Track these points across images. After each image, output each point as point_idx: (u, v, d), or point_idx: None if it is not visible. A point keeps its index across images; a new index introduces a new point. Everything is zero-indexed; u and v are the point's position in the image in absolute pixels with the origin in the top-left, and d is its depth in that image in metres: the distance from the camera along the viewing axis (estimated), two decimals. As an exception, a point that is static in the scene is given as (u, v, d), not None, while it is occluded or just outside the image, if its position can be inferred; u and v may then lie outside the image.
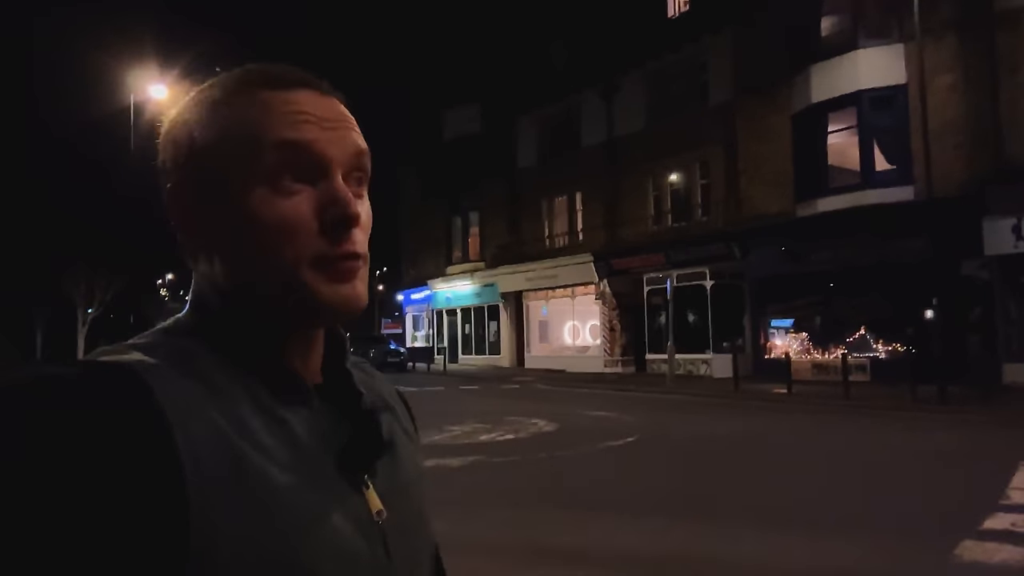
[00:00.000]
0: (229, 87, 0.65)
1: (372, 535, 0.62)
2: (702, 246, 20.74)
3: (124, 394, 0.51)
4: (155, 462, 0.50)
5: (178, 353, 0.58)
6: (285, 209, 0.61)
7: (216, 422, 0.55)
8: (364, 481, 0.64)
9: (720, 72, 21.24)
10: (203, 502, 0.51)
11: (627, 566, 4.61)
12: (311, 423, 0.62)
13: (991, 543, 4.77)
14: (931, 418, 11.36)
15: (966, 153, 15.38)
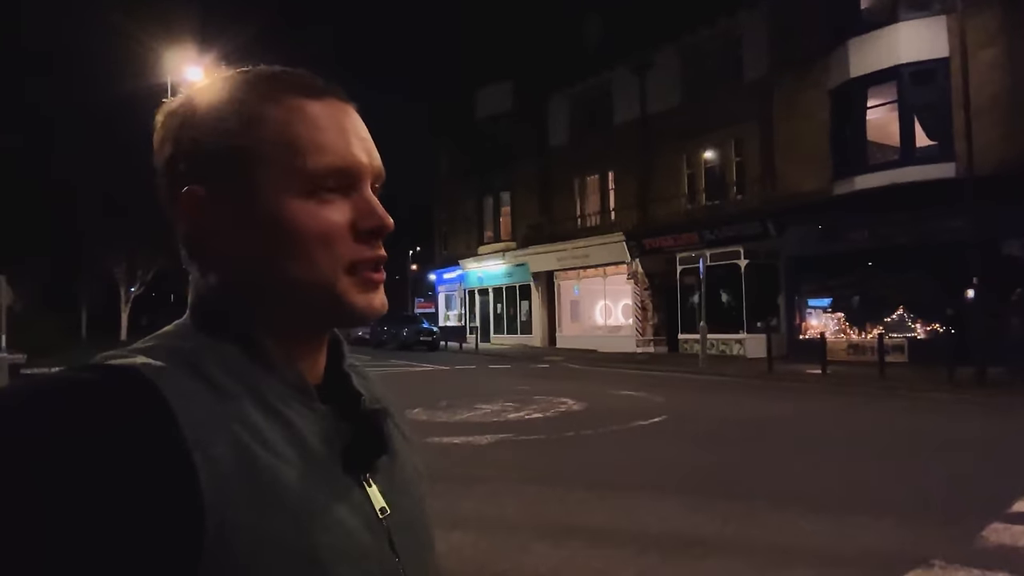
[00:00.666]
0: (260, 90, 0.64)
1: (378, 532, 0.64)
2: (736, 225, 20.48)
3: (135, 396, 0.53)
4: (168, 462, 0.51)
5: (183, 356, 0.59)
6: (323, 217, 0.63)
7: (224, 421, 0.56)
8: (367, 480, 0.66)
9: (755, 47, 20.80)
10: (217, 499, 0.52)
11: (651, 545, 4.66)
12: (315, 424, 0.63)
13: (1018, 526, 4.72)
14: (968, 401, 11.17)
15: (1009, 130, 14.91)
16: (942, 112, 15.75)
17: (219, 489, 0.52)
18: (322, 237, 0.62)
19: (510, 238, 30.37)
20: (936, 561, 4.13)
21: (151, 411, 0.52)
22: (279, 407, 0.61)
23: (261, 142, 0.63)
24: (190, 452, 0.52)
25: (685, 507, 5.46)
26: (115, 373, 0.54)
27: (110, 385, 0.53)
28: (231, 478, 0.53)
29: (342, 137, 0.64)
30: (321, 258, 0.62)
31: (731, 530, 4.91)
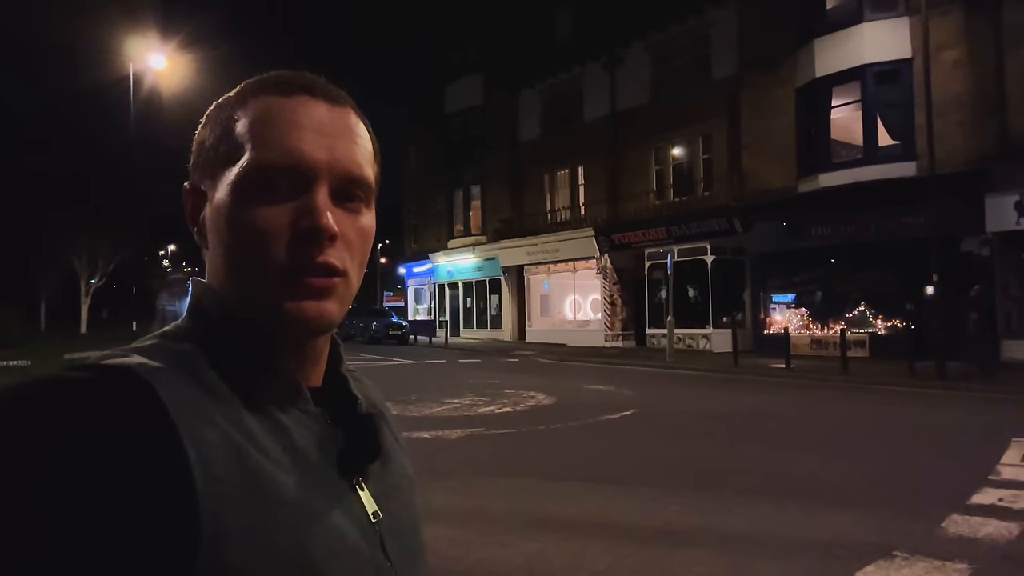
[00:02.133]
0: (244, 90, 0.66)
1: (370, 536, 0.64)
2: (704, 221, 20.72)
3: (131, 397, 0.52)
4: (164, 463, 0.51)
5: (178, 357, 0.58)
6: (261, 216, 0.61)
7: (219, 424, 0.55)
8: (360, 484, 0.66)
9: (724, 45, 21.02)
10: (212, 501, 0.51)
11: (623, 536, 4.71)
12: (309, 427, 0.63)
13: (977, 517, 4.87)
14: (928, 394, 11.46)
15: (970, 129, 15.29)
16: (905, 112, 16.09)
17: (214, 492, 0.52)
18: (255, 236, 0.61)
19: (480, 232, 30.32)
20: (898, 552, 4.24)
21: (147, 412, 0.52)
22: (274, 411, 0.61)
23: (223, 141, 0.63)
24: (186, 454, 0.51)
25: (656, 499, 5.53)
26: (111, 373, 0.54)
27: (106, 385, 0.52)
28: (226, 481, 0.53)
29: (299, 134, 0.62)
30: (255, 259, 0.61)
31: (701, 521, 4.98)
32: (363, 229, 0.66)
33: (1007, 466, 6.30)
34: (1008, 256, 14.85)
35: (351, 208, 0.65)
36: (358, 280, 0.66)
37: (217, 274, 0.65)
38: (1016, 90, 14.73)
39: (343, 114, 0.66)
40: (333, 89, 0.67)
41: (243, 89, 0.66)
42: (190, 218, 0.67)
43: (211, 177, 0.64)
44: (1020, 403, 10.07)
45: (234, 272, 0.63)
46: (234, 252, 0.62)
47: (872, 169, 16.37)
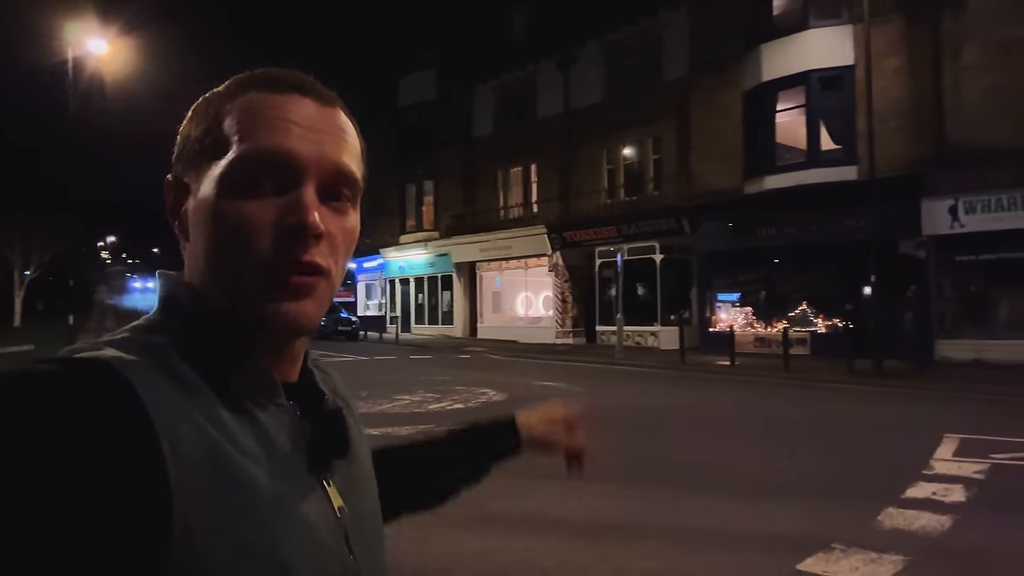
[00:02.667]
0: (230, 86, 0.65)
1: (336, 531, 0.64)
2: (653, 220, 21.01)
3: (106, 389, 0.52)
4: (138, 456, 0.50)
5: (152, 350, 0.58)
6: (246, 211, 0.60)
7: (194, 418, 0.55)
8: (327, 478, 0.66)
9: (675, 47, 21.33)
10: (184, 494, 0.51)
11: (573, 532, 4.75)
12: (281, 421, 0.63)
13: (912, 511, 5.06)
14: (866, 391, 11.85)
15: (908, 135, 15.86)
16: (847, 117, 16.60)
17: (187, 486, 0.52)
18: (237, 231, 0.60)
19: (433, 228, 30.15)
20: (837, 544, 4.38)
21: (122, 405, 0.51)
22: (247, 404, 0.61)
23: (208, 134, 0.63)
24: (160, 449, 0.51)
25: (605, 494, 5.58)
26: (84, 366, 0.53)
27: (80, 378, 0.52)
28: (199, 474, 0.53)
29: (282, 129, 0.61)
30: (235, 254, 0.60)
31: (649, 515, 5.06)
32: (349, 228, 0.66)
33: (940, 461, 6.56)
34: (943, 258, 15.46)
35: (337, 207, 0.65)
36: (339, 280, 0.66)
37: (198, 269, 0.64)
38: (952, 98, 15.34)
39: (333, 113, 0.66)
40: (323, 88, 0.66)
41: (231, 84, 0.66)
42: (171, 211, 0.66)
43: (195, 170, 0.63)
44: (952, 400, 10.51)
45: (215, 267, 0.62)
46: (217, 247, 0.61)
47: (815, 172, 16.85)
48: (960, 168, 14.85)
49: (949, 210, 15.09)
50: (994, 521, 4.86)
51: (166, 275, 0.66)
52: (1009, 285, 14.85)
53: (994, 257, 14.84)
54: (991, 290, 15.19)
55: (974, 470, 6.17)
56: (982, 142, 14.66)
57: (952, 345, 15.29)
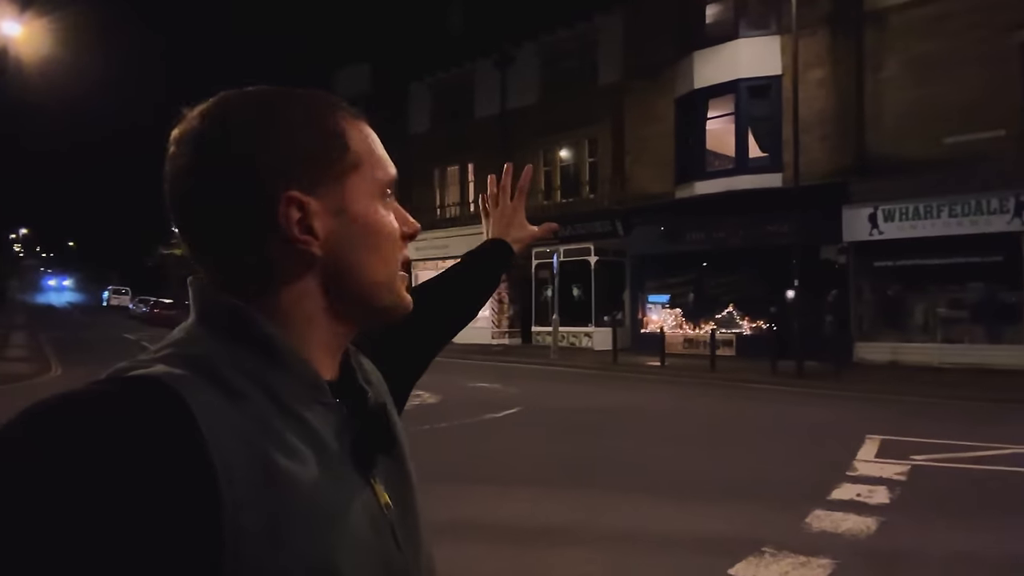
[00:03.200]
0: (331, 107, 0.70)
1: (383, 528, 0.66)
2: (588, 223, 21.17)
3: (160, 407, 0.53)
4: (192, 473, 0.52)
5: (198, 362, 0.59)
6: (391, 221, 0.72)
7: (243, 427, 0.57)
8: (373, 475, 0.68)
9: (609, 52, 21.56)
10: (236, 507, 0.53)
11: (502, 539, 4.66)
12: (328, 420, 0.65)
13: (838, 513, 5.17)
14: (789, 392, 12.21)
15: (832, 144, 16.45)
16: (774, 125, 17.09)
17: (239, 498, 0.53)
18: (392, 238, 0.72)
19: (365, 226, 29.65)
20: (767, 548, 4.42)
21: (176, 423, 0.53)
22: (295, 406, 0.62)
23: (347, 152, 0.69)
24: (212, 463, 0.53)
25: (537, 498, 5.53)
26: (139, 384, 0.55)
27: (133, 397, 0.54)
28: (250, 486, 0.54)
29: (385, 154, 0.74)
30: (392, 258, 0.71)
31: (581, 519, 5.01)
32: None
33: (862, 462, 6.76)
34: (862, 264, 16.10)
35: None
36: None
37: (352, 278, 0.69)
38: (873, 110, 15.98)
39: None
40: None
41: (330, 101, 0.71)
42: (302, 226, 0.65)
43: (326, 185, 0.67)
44: (871, 401, 10.92)
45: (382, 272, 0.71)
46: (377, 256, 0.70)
47: (743, 179, 17.29)
48: (879, 177, 15.49)
49: (869, 218, 15.72)
50: (917, 522, 5.01)
51: (199, 285, 0.67)
52: (923, 290, 15.58)
53: (910, 263, 15.54)
54: (906, 295, 15.90)
55: (896, 471, 6.38)
56: (899, 153, 15.33)
57: (870, 347, 15.95)
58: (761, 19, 17.54)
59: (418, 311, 0.95)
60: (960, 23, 14.65)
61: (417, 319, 0.96)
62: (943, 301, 15.35)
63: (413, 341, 1.02)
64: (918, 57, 15.23)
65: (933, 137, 14.82)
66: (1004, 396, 10.94)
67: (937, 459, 6.92)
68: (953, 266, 14.96)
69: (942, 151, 14.68)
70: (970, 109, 14.41)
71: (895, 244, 15.46)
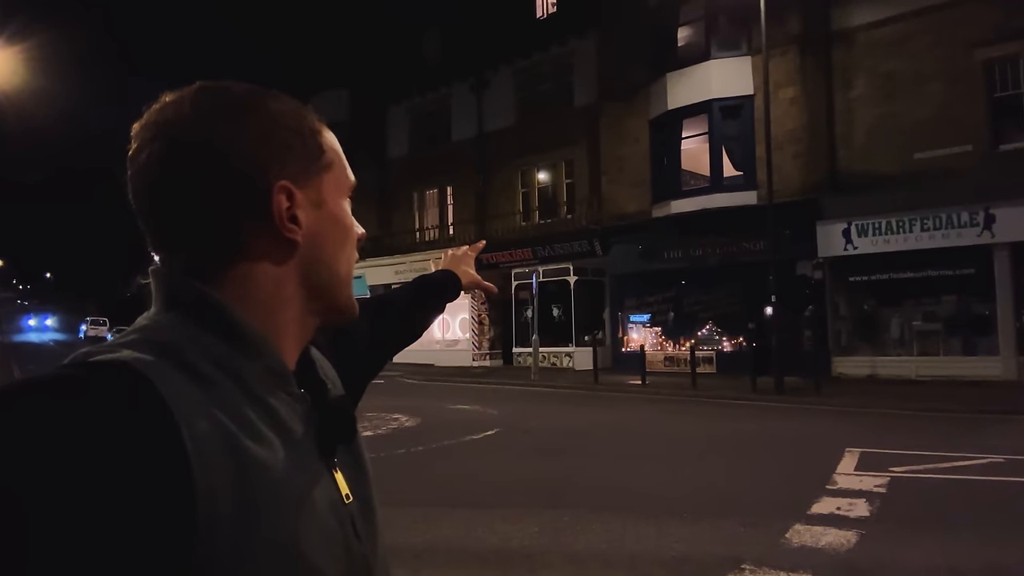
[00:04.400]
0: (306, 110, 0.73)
1: (344, 517, 0.67)
2: (566, 243, 21.23)
3: (129, 392, 0.52)
4: (164, 457, 0.51)
5: (165, 347, 0.58)
6: (355, 222, 0.75)
7: (214, 412, 0.56)
8: (335, 465, 0.69)
9: (584, 74, 21.79)
10: (208, 492, 0.52)
11: (477, 562, 4.56)
12: (294, 409, 0.65)
13: (818, 527, 5.12)
14: (769, 407, 12.21)
15: (804, 162, 16.67)
16: (747, 144, 17.31)
17: (211, 483, 0.53)
18: (354, 238, 0.74)
19: (344, 250, 29.52)
20: (746, 565, 4.36)
21: (146, 407, 0.52)
22: (262, 394, 0.62)
23: (318, 149, 0.71)
24: (185, 448, 0.52)
25: (514, 520, 5.43)
26: (105, 368, 0.54)
27: (102, 382, 0.53)
28: (221, 471, 0.54)
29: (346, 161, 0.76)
30: (353, 257, 0.74)
31: (558, 540, 4.92)
32: None
33: (842, 475, 6.73)
34: (837, 279, 16.25)
35: None
36: None
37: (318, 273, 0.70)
38: (843, 127, 16.25)
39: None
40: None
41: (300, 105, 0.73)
42: (288, 214, 0.67)
43: (305, 179, 0.69)
44: (849, 415, 10.94)
45: (343, 269, 0.73)
46: (346, 252, 0.73)
47: (718, 197, 17.45)
48: (852, 193, 15.70)
49: (843, 233, 15.90)
50: (897, 535, 4.98)
51: (162, 273, 0.66)
52: (898, 304, 15.74)
53: (884, 277, 15.71)
54: (882, 309, 16.05)
55: (875, 484, 6.36)
56: (871, 169, 15.58)
57: (848, 362, 16.05)
58: (732, 40, 17.83)
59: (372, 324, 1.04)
60: (924, 41, 14.99)
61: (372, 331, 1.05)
62: (918, 314, 15.52)
63: (363, 353, 1.02)
64: (886, 75, 15.53)
65: (903, 153, 15.09)
66: (979, 407, 11.02)
67: (916, 470, 6.92)
68: (927, 279, 15.15)
69: (912, 166, 14.94)
70: (937, 125, 14.70)
71: (869, 259, 15.64)
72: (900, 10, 15.32)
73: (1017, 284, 14.04)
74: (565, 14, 22.33)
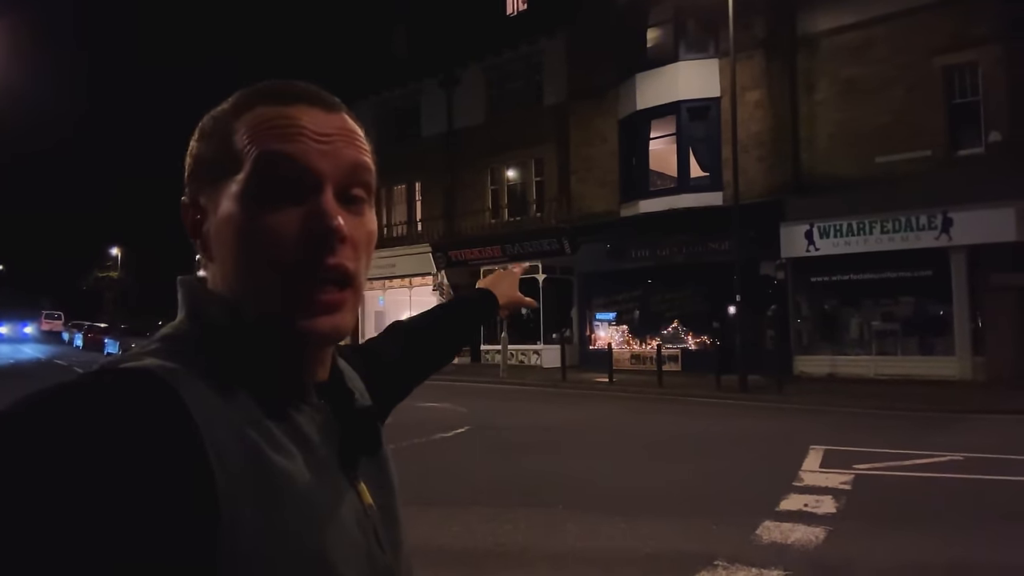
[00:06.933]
0: (236, 102, 0.66)
1: (367, 528, 0.66)
2: (536, 241, 21.29)
3: (154, 399, 0.53)
4: (187, 464, 0.51)
5: (187, 356, 0.59)
6: (268, 223, 0.61)
7: (235, 423, 0.56)
8: (357, 476, 0.68)
9: (554, 73, 21.86)
10: (230, 500, 0.53)
11: (452, 561, 4.56)
12: (315, 421, 0.65)
13: (787, 523, 5.23)
14: (733, 405, 12.41)
15: (768, 164, 16.96)
16: (713, 146, 17.55)
17: (232, 491, 0.53)
18: (267, 244, 0.61)
19: (309, 246, 29.17)
20: (719, 561, 4.43)
21: (169, 414, 0.52)
22: (283, 405, 0.62)
23: (223, 150, 0.63)
24: (207, 455, 0.52)
25: (487, 518, 5.43)
26: (131, 376, 0.54)
27: (126, 389, 0.53)
28: (243, 480, 0.54)
29: (295, 138, 0.62)
30: (263, 269, 0.61)
31: (532, 539, 4.95)
32: (369, 230, 0.67)
33: (808, 472, 6.88)
34: (799, 279, 16.58)
35: (355, 210, 0.65)
36: (364, 284, 0.67)
37: (227, 286, 0.64)
38: (806, 131, 16.56)
39: (340, 118, 0.67)
40: (326, 95, 0.67)
41: (237, 99, 0.66)
42: (192, 232, 0.66)
43: (211, 188, 0.64)
44: (812, 413, 11.18)
45: (245, 283, 0.62)
46: (245, 262, 0.62)
47: (685, 197, 17.67)
48: (814, 196, 16.02)
49: (805, 234, 16.21)
50: (863, 531, 5.11)
51: (188, 282, 0.66)
52: (857, 304, 16.12)
53: (844, 278, 16.07)
54: (842, 309, 16.42)
55: (840, 481, 6.51)
56: (833, 172, 15.92)
57: (809, 361, 16.38)
58: (700, 43, 18.04)
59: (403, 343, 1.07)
60: (886, 48, 15.35)
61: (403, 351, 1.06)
62: (877, 315, 15.90)
63: (391, 369, 1.03)
64: (848, 80, 15.87)
65: (864, 157, 15.44)
66: (937, 406, 11.35)
67: (878, 467, 7.10)
68: (886, 281, 15.54)
69: (873, 170, 15.30)
70: (898, 129, 15.07)
71: (830, 260, 15.98)
72: (863, 16, 15.66)
73: (973, 286, 14.47)
74: (535, 12, 22.36)
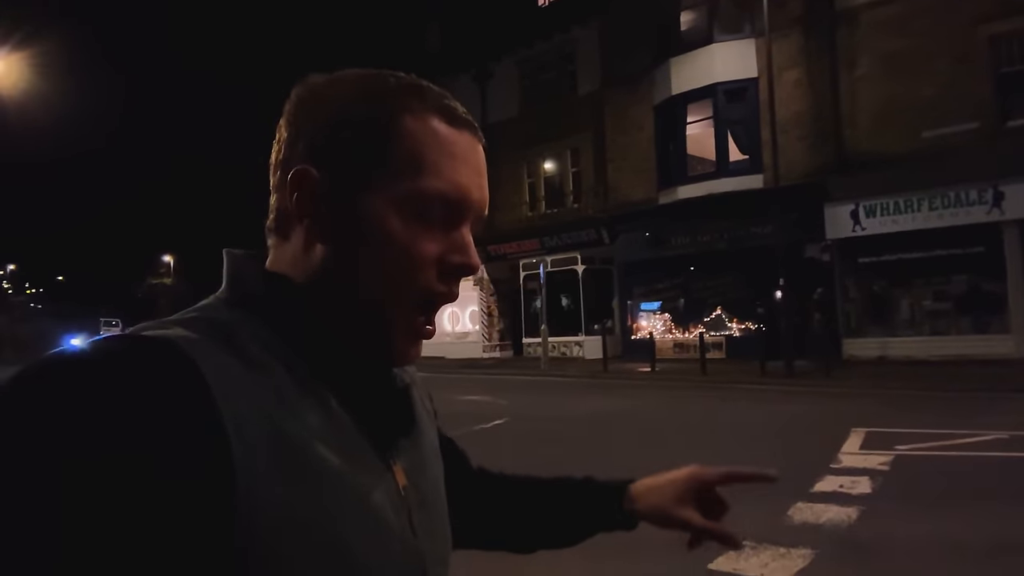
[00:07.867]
0: (402, 97, 0.65)
1: (399, 510, 0.64)
2: (574, 232, 21.24)
3: (170, 367, 0.52)
4: (202, 433, 0.50)
5: (217, 327, 0.58)
6: (417, 239, 0.62)
7: (259, 397, 0.55)
8: (393, 457, 0.66)
9: (587, 62, 21.73)
10: (248, 474, 0.51)
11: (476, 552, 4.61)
12: (348, 398, 0.63)
13: (820, 504, 5.15)
14: (778, 391, 12.19)
15: (810, 144, 16.56)
16: (752, 128, 17.21)
17: (251, 466, 0.52)
18: (407, 258, 0.62)
19: (352, 245, 29.67)
20: (747, 542, 4.38)
21: (186, 385, 0.51)
22: (315, 382, 0.61)
23: (390, 147, 0.63)
24: (225, 428, 0.51)
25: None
26: (148, 343, 0.53)
27: (143, 357, 0.52)
28: (263, 455, 0.53)
29: (465, 171, 0.65)
30: (396, 278, 0.63)
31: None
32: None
33: (847, 454, 6.75)
34: (846, 261, 16.16)
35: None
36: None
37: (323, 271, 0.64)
38: (849, 107, 16.12)
39: (481, 151, 0.69)
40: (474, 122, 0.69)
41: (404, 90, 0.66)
42: (301, 200, 0.64)
43: (345, 169, 0.63)
44: (859, 396, 10.92)
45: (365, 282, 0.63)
46: (380, 265, 0.63)
47: (724, 182, 17.38)
48: (859, 174, 15.59)
49: (850, 214, 15.80)
50: (897, 510, 5.00)
51: (233, 254, 0.67)
52: (907, 284, 15.64)
53: (893, 258, 15.60)
54: (892, 290, 15.95)
55: (879, 462, 6.37)
56: (877, 149, 15.45)
57: (858, 344, 15.97)
58: (735, 23, 17.70)
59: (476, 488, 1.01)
60: (929, 18, 14.82)
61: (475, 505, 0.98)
62: (928, 294, 15.42)
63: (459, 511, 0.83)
64: (890, 54, 15.38)
65: (909, 132, 14.95)
66: (989, 386, 10.97)
67: (920, 448, 6.92)
68: (936, 259, 15.04)
69: (919, 145, 14.81)
70: (944, 102, 14.56)
71: (878, 239, 15.53)
72: (904, -13, 15.17)
73: (1027, 261, 13.91)
74: (567, 2, 22.24)
